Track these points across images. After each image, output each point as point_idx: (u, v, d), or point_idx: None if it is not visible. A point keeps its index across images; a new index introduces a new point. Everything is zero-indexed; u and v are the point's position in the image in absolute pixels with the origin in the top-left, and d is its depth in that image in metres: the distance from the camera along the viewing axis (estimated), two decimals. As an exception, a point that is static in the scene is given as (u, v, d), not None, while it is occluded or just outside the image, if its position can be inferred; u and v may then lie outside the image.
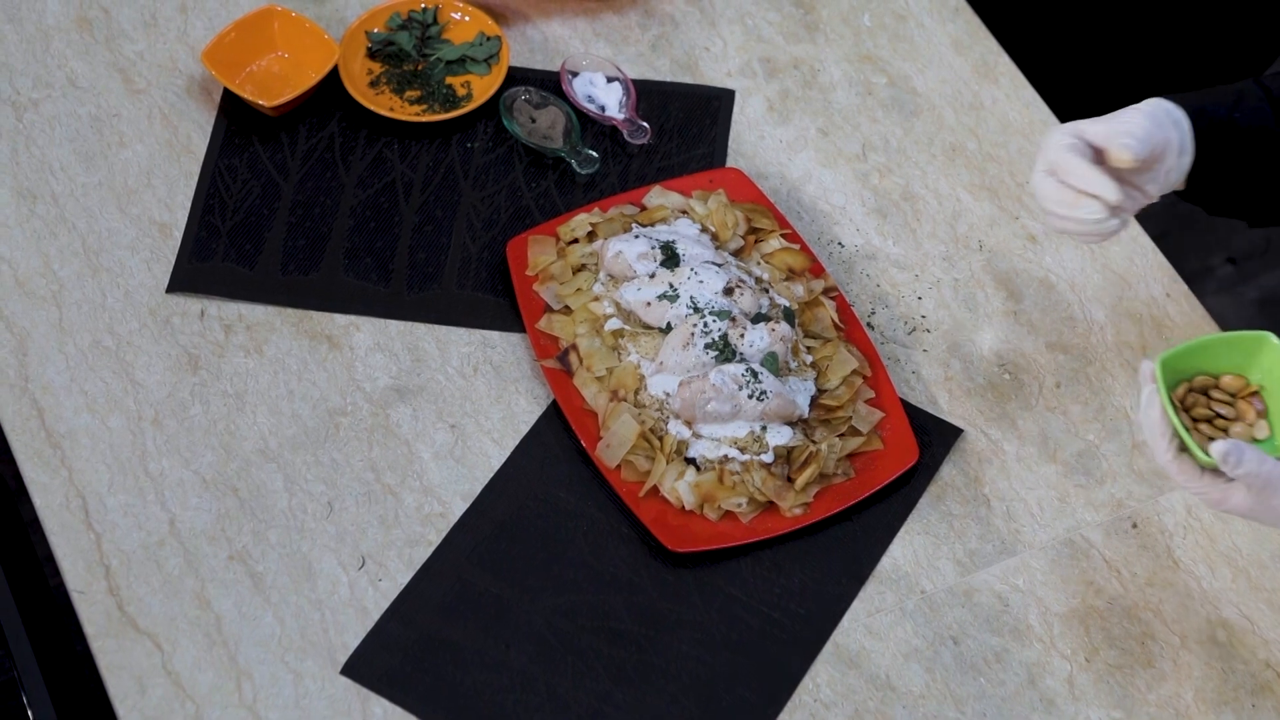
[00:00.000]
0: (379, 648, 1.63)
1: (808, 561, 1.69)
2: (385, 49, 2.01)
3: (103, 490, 1.70)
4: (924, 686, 1.62)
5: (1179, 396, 1.52)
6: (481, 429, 1.76)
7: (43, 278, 1.83)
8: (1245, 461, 1.40)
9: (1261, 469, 1.41)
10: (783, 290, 1.81)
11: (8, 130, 1.94)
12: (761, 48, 2.05)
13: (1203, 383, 1.53)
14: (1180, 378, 1.53)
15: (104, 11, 2.04)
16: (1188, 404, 1.52)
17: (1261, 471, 1.41)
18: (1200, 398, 1.52)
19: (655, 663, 1.63)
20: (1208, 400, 1.52)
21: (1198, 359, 1.53)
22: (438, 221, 1.90)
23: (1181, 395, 1.52)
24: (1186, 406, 1.52)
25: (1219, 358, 1.53)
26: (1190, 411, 1.52)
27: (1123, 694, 1.62)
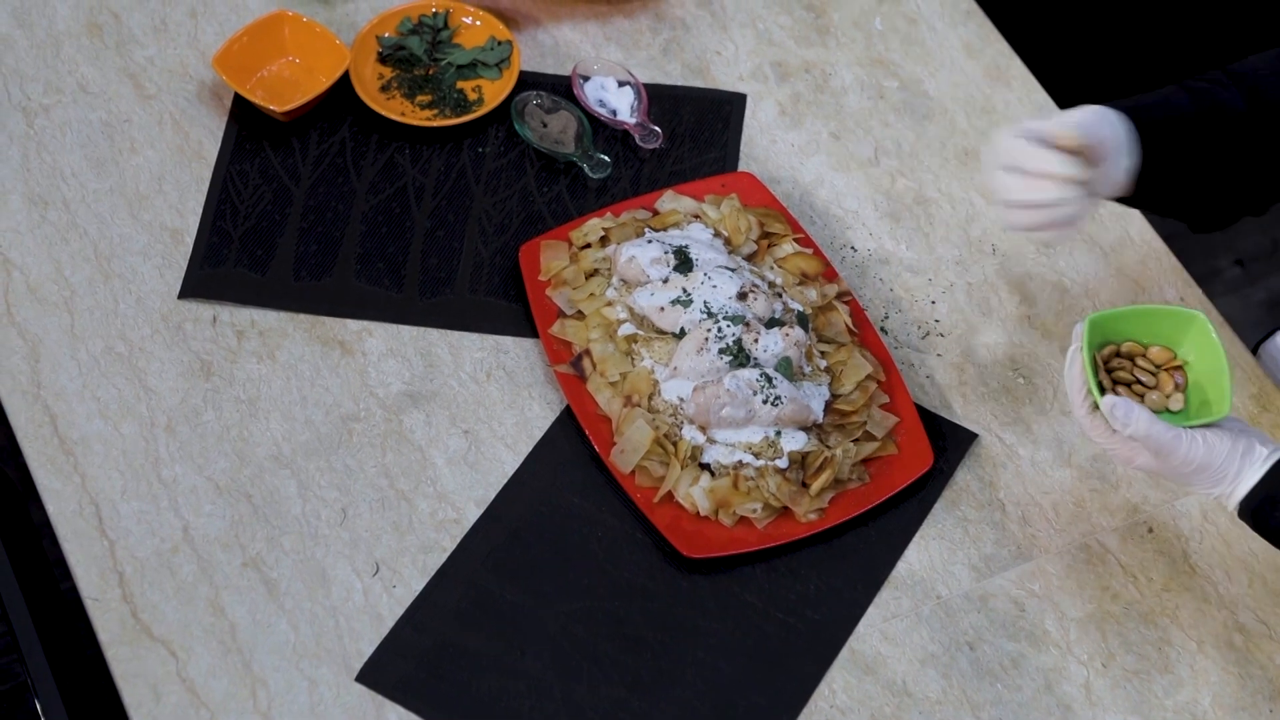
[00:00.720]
0: (394, 654, 1.62)
1: (823, 567, 1.68)
2: (396, 54, 2.00)
3: (116, 497, 1.70)
4: (941, 692, 1.62)
5: (1105, 357, 1.57)
6: (495, 435, 1.76)
7: (54, 284, 1.83)
8: (1134, 421, 1.49)
9: (1151, 430, 1.49)
10: (796, 295, 1.80)
11: (19, 136, 1.94)
12: (773, 51, 2.05)
13: (1131, 349, 1.58)
14: (1111, 341, 1.58)
15: (114, 17, 2.04)
16: (1112, 367, 1.57)
17: (1152, 433, 1.49)
18: (1126, 363, 1.57)
19: (671, 669, 1.62)
20: (1132, 366, 1.57)
21: (1131, 326, 1.58)
22: (450, 226, 1.89)
23: (1107, 357, 1.57)
24: (1111, 369, 1.57)
25: (1152, 329, 1.58)
26: (1113, 374, 1.56)
27: (1140, 699, 1.62)
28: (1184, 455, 1.50)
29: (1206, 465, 1.50)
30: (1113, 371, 1.56)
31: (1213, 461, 1.49)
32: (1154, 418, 1.49)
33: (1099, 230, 1.91)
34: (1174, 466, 1.50)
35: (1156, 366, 1.57)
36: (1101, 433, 1.53)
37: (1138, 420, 1.49)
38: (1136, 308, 1.59)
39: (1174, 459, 1.50)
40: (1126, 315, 1.58)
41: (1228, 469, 1.50)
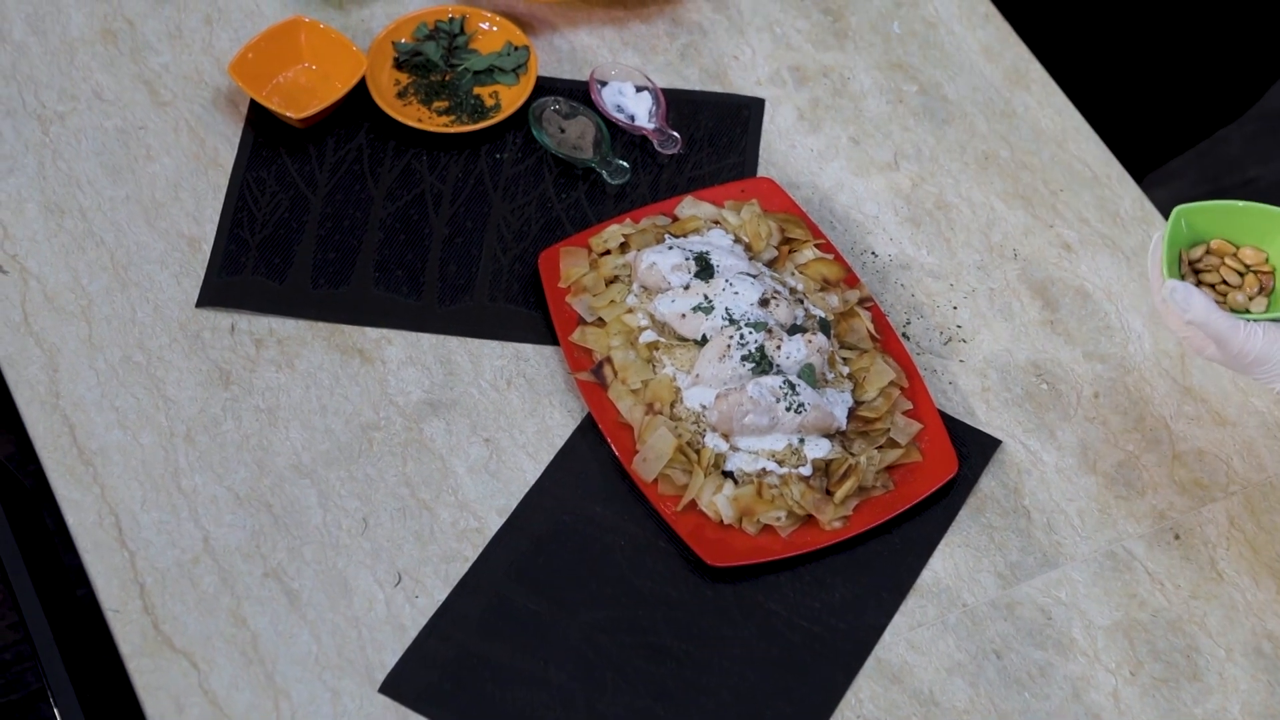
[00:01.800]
0: (417, 665, 1.61)
1: (848, 575, 1.67)
2: (412, 59, 1.99)
3: (135, 507, 1.69)
4: (968, 701, 1.61)
5: (1194, 257, 1.57)
6: (516, 443, 1.75)
7: (71, 293, 1.82)
8: (1192, 306, 1.51)
9: (1208, 317, 1.51)
10: (818, 301, 1.79)
11: (34, 144, 1.93)
12: (791, 56, 2.04)
13: (1221, 248, 1.58)
14: (1202, 239, 1.58)
15: (128, 23, 2.03)
16: (1201, 266, 1.58)
17: (1209, 319, 1.51)
18: (1215, 260, 1.58)
19: (696, 679, 1.61)
20: (1220, 264, 1.57)
21: (1223, 222, 1.58)
22: (468, 233, 1.88)
23: (1198, 257, 1.58)
24: (1200, 269, 1.57)
25: (1245, 227, 1.58)
26: (1200, 275, 1.57)
27: (1169, 708, 1.61)
28: (1241, 345, 1.51)
29: (1266, 358, 1.52)
30: (1200, 271, 1.57)
31: (1273, 354, 1.51)
32: (1211, 304, 1.51)
33: (1121, 234, 1.90)
34: (1233, 356, 1.52)
35: (1246, 267, 1.57)
36: (1174, 319, 1.55)
37: (1195, 305, 1.51)
38: (1228, 203, 1.58)
39: (1231, 347, 1.52)
40: (1218, 210, 1.57)
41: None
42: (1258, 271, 1.57)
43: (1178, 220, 1.56)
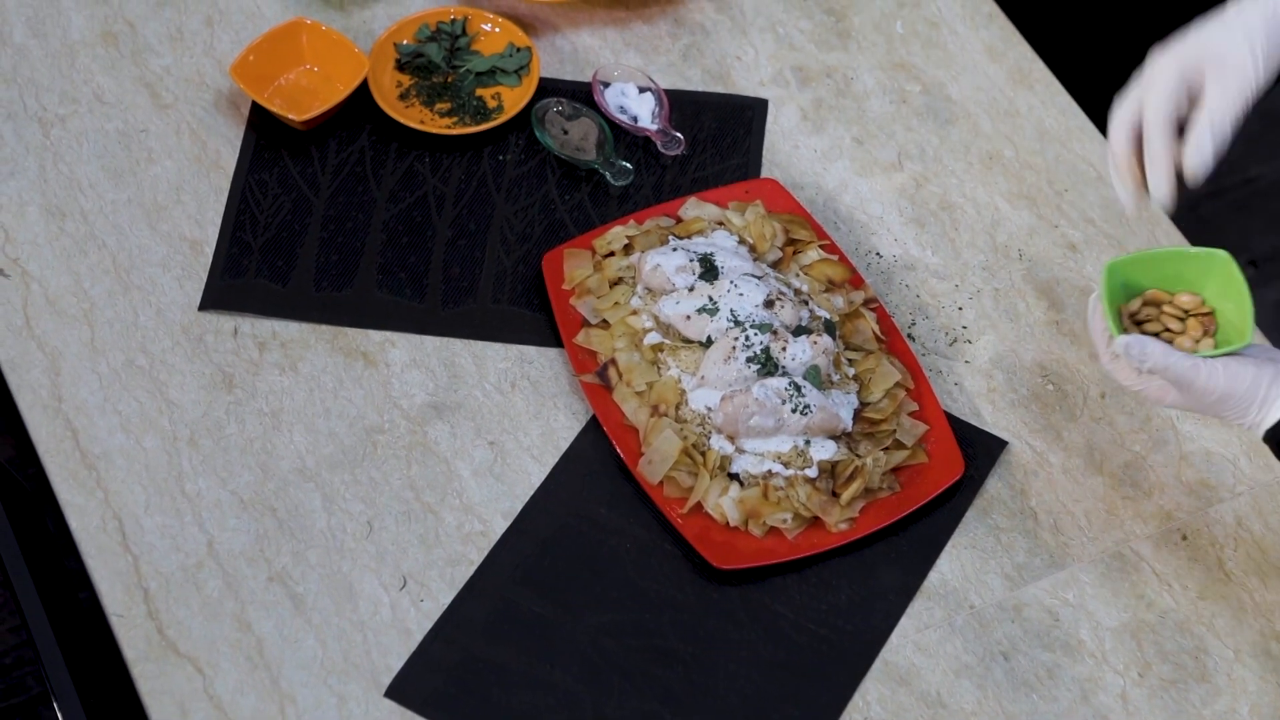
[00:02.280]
0: (423, 669, 1.61)
1: (854, 577, 1.67)
2: (414, 61, 1.98)
3: (139, 512, 1.68)
4: (976, 704, 1.60)
5: (1133, 310, 1.56)
6: (521, 446, 1.74)
7: (74, 296, 1.81)
8: (1150, 354, 1.48)
9: (1167, 361, 1.47)
10: (822, 302, 1.79)
11: (35, 147, 1.92)
12: (794, 56, 2.03)
13: (1156, 297, 1.57)
14: (1136, 290, 1.56)
15: (129, 26, 2.02)
16: (1141, 317, 1.56)
17: (1169, 364, 1.47)
18: (1153, 310, 1.56)
19: (702, 682, 1.61)
20: (1159, 313, 1.56)
21: (1154, 271, 1.56)
22: (471, 235, 1.88)
23: (1135, 309, 1.56)
24: (1140, 320, 1.56)
25: (1176, 273, 1.56)
26: (1142, 325, 1.55)
27: (1177, 709, 1.60)
28: (1204, 384, 1.47)
29: (1230, 393, 1.48)
30: (1141, 323, 1.55)
31: (1236, 389, 1.47)
32: (1169, 349, 1.48)
33: (1126, 234, 1.89)
34: (1198, 398, 1.49)
35: (1185, 312, 1.56)
36: (1127, 374, 1.52)
37: (1153, 353, 1.48)
38: (1156, 251, 1.58)
39: (1195, 389, 1.48)
40: (1147, 259, 1.56)
41: (1254, 396, 1.47)
42: (1197, 314, 1.56)
43: (1111, 275, 1.54)
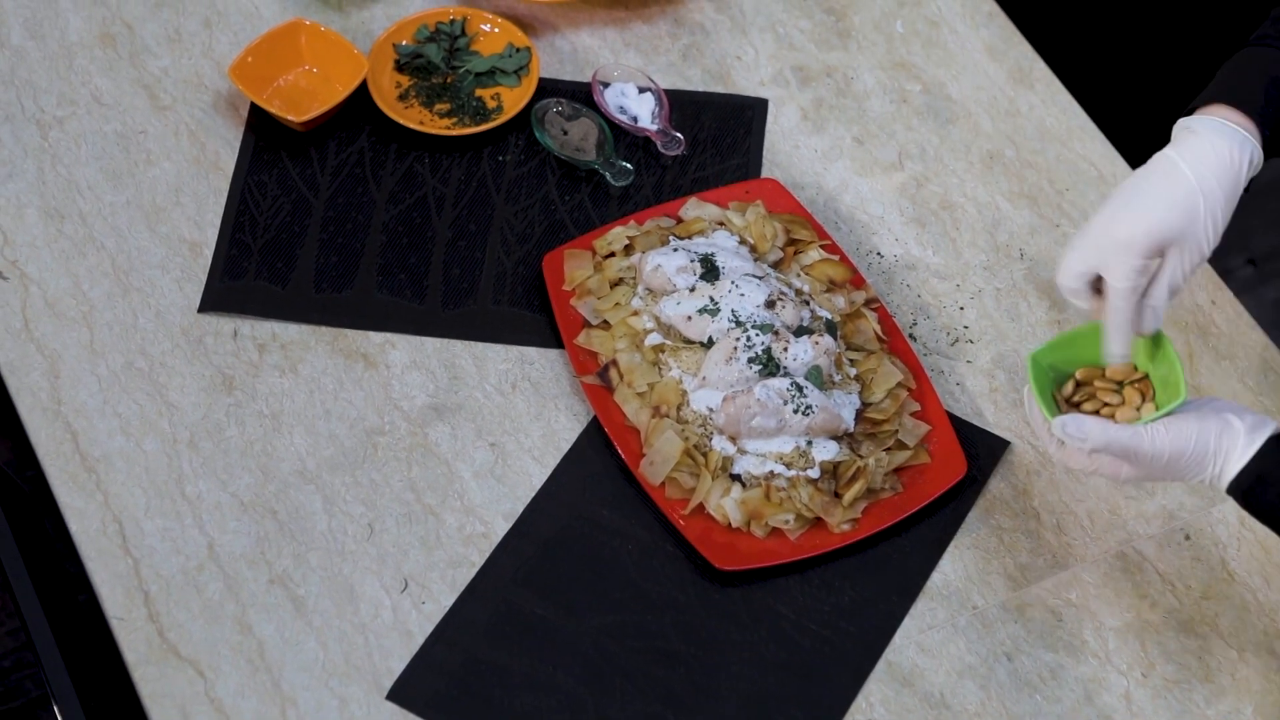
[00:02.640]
0: (424, 671, 1.60)
1: (857, 578, 1.66)
2: (413, 62, 1.98)
3: (139, 514, 1.68)
4: (979, 704, 1.60)
5: (1067, 394, 1.56)
6: (522, 447, 1.73)
7: (73, 299, 1.81)
8: (1088, 432, 1.46)
9: (1107, 435, 1.46)
10: (824, 302, 1.78)
11: (33, 149, 1.91)
12: (793, 56, 2.03)
13: (1087, 375, 1.56)
14: (1066, 372, 1.56)
15: (127, 27, 2.01)
16: (1078, 399, 1.56)
17: (1109, 438, 1.46)
18: (1087, 389, 1.56)
19: (705, 684, 1.60)
20: (1093, 390, 1.55)
21: (1077, 350, 1.56)
22: (471, 236, 1.87)
23: (1070, 393, 1.56)
24: (1077, 401, 1.55)
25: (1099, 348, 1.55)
26: (1080, 407, 1.55)
27: (1181, 709, 1.60)
28: (1150, 450, 1.45)
29: (1179, 453, 1.45)
30: (1079, 404, 1.55)
31: (1185, 447, 1.45)
32: (1105, 423, 1.47)
33: (1127, 234, 1.89)
34: (1149, 465, 1.47)
35: (1118, 384, 1.55)
36: (1076, 458, 1.50)
37: (1091, 432, 1.46)
38: (1074, 331, 1.57)
39: (1143, 457, 1.46)
40: (1068, 340, 1.57)
41: (1205, 451, 1.45)
42: (1131, 383, 1.55)
43: (1036, 365, 1.54)
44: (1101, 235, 1.48)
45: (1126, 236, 1.46)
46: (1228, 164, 1.48)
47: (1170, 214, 1.46)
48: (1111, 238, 1.47)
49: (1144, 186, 1.48)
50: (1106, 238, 1.47)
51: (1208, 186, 1.47)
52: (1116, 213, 1.47)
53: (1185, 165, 1.47)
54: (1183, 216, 1.47)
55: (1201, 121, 1.49)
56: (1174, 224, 1.47)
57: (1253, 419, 1.46)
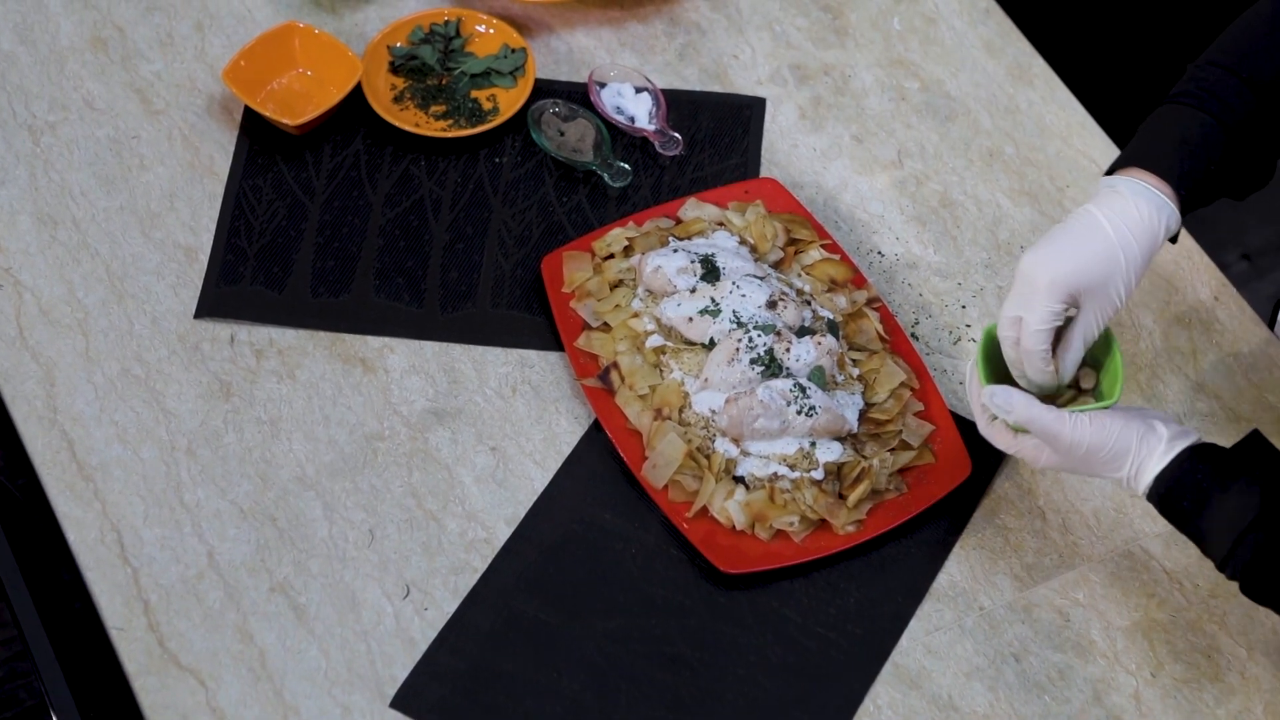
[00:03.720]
0: (428, 679, 1.59)
1: (863, 580, 1.65)
2: (408, 63, 1.96)
3: (138, 523, 1.66)
4: (988, 706, 1.59)
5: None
6: (523, 451, 1.72)
7: (67, 305, 1.79)
8: (1015, 405, 1.50)
9: (1030, 412, 1.50)
10: (825, 302, 1.77)
11: (25, 155, 1.90)
12: (791, 54, 2.01)
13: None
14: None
15: (118, 31, 2.00)
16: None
17: (1032, 415, 1.50)
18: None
19: (711, 688, 1.59)
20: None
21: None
22: (469, 239, 1.86)
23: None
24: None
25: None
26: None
27: (1191, 709, 1.59)
28: (1070, 437, 1.49)
29: (1099, 446, 1.49)
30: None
31: (1105, 442, 1.49)
32: (1032, 400, 1.50)
33: (1129, 230, 1.88)
34: (1067, 451, 1.50)
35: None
36: (1002, 436, 1.55)
37: (1016, 404, 1.50)
38: None
39: (1062, 443, 1.50)
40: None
41: (1123, 449, 1.49)
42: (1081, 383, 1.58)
43: (988, 338, 1.55)
44: (1024, 282, 1.53)
45: (1047, 282, 1.52)
46: (1147, 226, 1.53)
47: (1090, 265, 1.52)
48: (1033, 284, 1.52)
49: (1067, 238, 1.53)
50: (1028, 284, 1.53)
51: (1126, 243, 1.53)
52: (1039, 260, 1.53)
53: (1107, 222, 1.53)
54: (1101, 269, 1.52)
55: (1124, 182, 1.55)
56: (1092, 275, 1.52)
57: (1177, 429, 1.51)
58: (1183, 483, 1.48)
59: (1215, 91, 1.56)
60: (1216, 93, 1.56)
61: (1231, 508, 1.46)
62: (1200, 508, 1.47)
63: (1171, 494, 1.48)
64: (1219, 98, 1.56)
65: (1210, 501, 1.47)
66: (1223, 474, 1.47)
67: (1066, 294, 1.52)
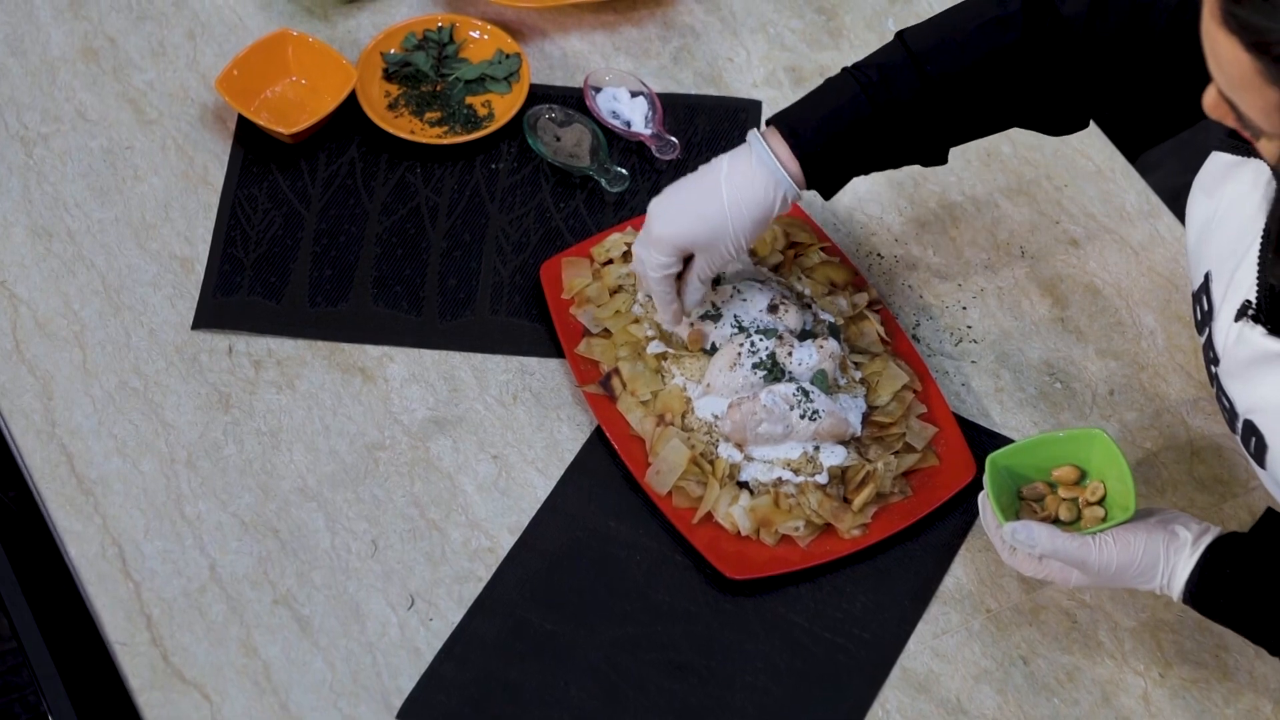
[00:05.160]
0: (435, 690, 1.58)
1: (869, 584, 1.65)
2: (402, 70, 1.95)
3: (139, 537, 1.65)
4: (996, 709, 1.58)
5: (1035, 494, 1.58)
6: (525, 459, 1.71)
7: (64, 318, 1.78)
8: (1037, 539, 1.50)
9: (1055, 544, 1.50)
10: (826, 305, 1.77)
11: (18, 167, 1.88)
12: (785, 56, 2.01)
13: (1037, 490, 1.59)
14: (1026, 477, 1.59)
15: (109, 41, 1.99)
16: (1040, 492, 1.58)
17: (1057, 546, 1.50)
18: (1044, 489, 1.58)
19: (719, 695, 1.58)
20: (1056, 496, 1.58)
21: (1036, 457, 1.58)
22: (466, 246, 1.85)
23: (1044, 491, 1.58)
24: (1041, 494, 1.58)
25: (1059, 455, 1.58)
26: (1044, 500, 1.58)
27: (1200, 709, 1.59)
28: (1098, 560, 1.50)
29: (1128, 563, 1.50)
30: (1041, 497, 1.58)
31: (1133, 559, 1.50)
32: (1055, 531, 1.50)
33: (1128, 229, 1.88)
34: (1097, 573, 1.51)
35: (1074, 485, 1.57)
36: (1027, 564, 1.54)
37: (1040, 539, 1.50)
38: (1037, 438, 1.58)
39: (1091, 566, 1.50)
40: (1029, 447, 1.58)
41: (1152, 563, 1.50)
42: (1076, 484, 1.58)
43: (994, 467, 1.55)
44: (645, 228, 1.67)
45: (657, 236, 1.65)
46: (760, 199, 1.62)
47: (698, 229, 1.63)
48: (650, 232, 1.66)
49: (687, 196, 1.65)
50: (647, 232, 1.66)
51: (737, 214, 1.63)
52: (657, 213, 1.65)
53: (725, 190, 1.63)
54: (708, 233, 1.63)
55: (759, 147, 1.62)
56: (699, 237, 1.63)
57: (1198, 528, 1.51)
58: (1214, 583, 1.49)
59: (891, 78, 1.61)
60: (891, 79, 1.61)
61: (1268, 597, 1.48)
62: (1237, 603, 1.49)
63: (1206, 596, 1.49)
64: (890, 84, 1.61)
65: (1245, 595, 1.49)
66: (1249, 564, 1.49)
67: (675, 249, 1.64)
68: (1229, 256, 1.48)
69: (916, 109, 1.61)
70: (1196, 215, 1.54)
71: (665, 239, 1.64)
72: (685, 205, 1.64)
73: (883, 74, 1.61)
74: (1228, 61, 1.23)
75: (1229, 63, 1.23)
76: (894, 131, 1.62)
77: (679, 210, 1.64)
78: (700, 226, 1.63)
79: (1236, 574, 1.48)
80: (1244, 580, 1.49)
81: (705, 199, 1.63)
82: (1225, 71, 1.24)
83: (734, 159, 1.63)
